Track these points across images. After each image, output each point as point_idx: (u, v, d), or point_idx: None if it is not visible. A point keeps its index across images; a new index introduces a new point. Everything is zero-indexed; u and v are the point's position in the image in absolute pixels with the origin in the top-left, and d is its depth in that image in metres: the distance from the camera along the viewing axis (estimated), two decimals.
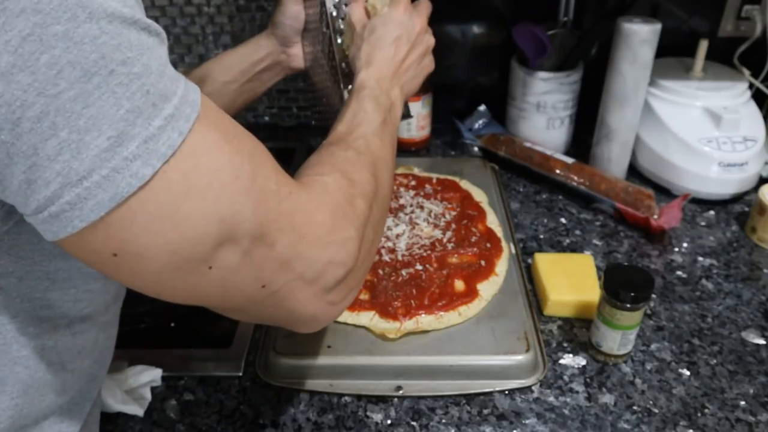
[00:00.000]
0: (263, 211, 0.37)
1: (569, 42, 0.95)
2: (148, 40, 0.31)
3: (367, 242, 0.47)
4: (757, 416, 0.59)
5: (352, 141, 0.53)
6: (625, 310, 0.60)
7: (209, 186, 0.33)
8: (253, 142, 0.39)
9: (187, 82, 0.34)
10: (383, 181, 0.53)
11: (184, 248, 0.33)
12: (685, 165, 0.88)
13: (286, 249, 0.39)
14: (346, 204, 0.46)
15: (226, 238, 0.35)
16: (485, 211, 0.83)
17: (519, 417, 0.59)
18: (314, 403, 0.61)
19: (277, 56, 0.78)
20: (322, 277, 0.42)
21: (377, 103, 0.58)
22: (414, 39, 0.64)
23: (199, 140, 0.33)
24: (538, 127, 0.99)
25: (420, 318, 0.66)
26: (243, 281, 0.38)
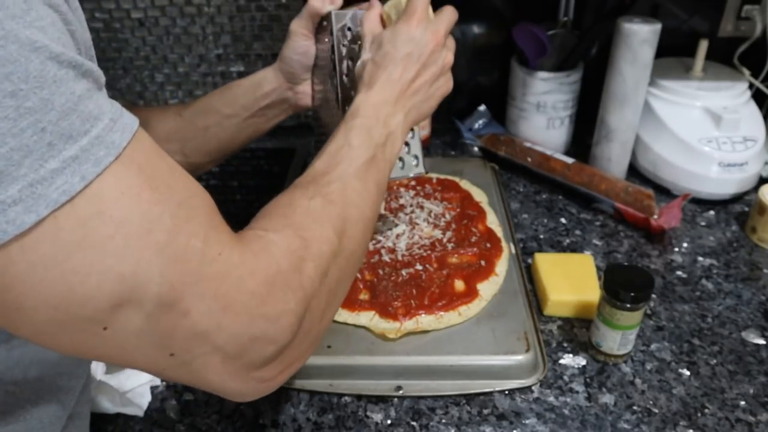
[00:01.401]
0: (178, 273, 0.32)
1: (569, 42, 0.95)
2: (57, 72, 0.28)
3: (315, 314, 0.41)
4: (757, 416, 0.59)
5: (324, 184, 0.47)
6: (625, 310, 0.60)
7: (111, 238, 0.30)
8: (189, 193, 0.35)
9: (120, 118, 0.31)
10: (353, 237, 0.46)
11: (71, 305, 0.30)
12: (685, 165, 0.88)
13: (203, 319, 0.34)
14: (291, 270, 0.39)
15: (126, 300, 0.31)
16: (485, 211, 0.83)
17: (519, 417, 0.59)
18: (314, 403, 0.61)
19: (283, 92, 0.71)
20: (246, 354, 0.37)
21: (368, 137, 0.52)
22: (426, 57, 0.57)
23: (110, 185, 0.30)
24: (538, 127, 0.99)
25: (420, 318, 0.66)
26: (146, 347, 0.33)
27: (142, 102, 1.11)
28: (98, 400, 0.59)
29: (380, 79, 0.55)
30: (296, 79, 0.70)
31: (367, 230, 0.49)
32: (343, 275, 0.46)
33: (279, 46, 1.08)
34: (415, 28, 0.57)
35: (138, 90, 1.10)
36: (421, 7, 0.58)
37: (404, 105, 0.56)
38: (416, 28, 0.57)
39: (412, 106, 0.57)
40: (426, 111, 0.59)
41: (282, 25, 1.03)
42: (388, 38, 0.57)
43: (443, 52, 0.59)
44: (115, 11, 1.01)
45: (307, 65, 0.69)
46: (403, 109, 0.56)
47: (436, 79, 0.59)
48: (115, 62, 1.06)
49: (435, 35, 0.57)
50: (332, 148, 0.51)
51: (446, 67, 0.60)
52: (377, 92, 0.55)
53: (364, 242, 0.49)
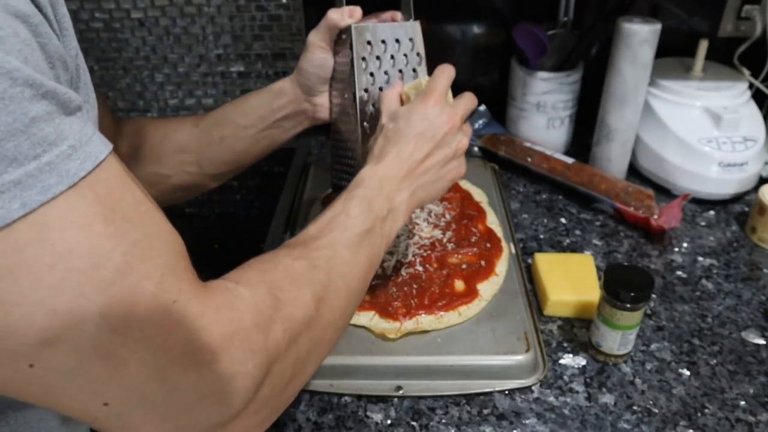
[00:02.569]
0: (122, 317, 0.29)
1: (569, 42, 0.95)
2: (10, 90, 0.26)
3: (277, 381, 0.38)
4: (757, 416, 0.59)
5: (313, 249, 0.45)
6: (625, 310, 0.60)
7: (49, 268, 0.27)
8: (152, 231, 0.32)
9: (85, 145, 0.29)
10: (333, 307, 0.44)
11: None
12: (685, 165, 0.88)
13: (144, 369, 0.31)
14: (254, 329, 0.36)
15: (57, 337, 0.28)
16: (485, 211, 0.83)
17: (519, 417, 0.59)
18: (314, 403, 0.61)
19: (299, 104, 0.69)
20: (192, 413, 0.33)
21: (368, 208, 0.50)
22: (440, 138, 0.55)
23: (58, 213, 0.28)
24: (538, 127, 0.99)
25: (420, 318, 0.66)
26: (76, 392, 0.30)
27: (141, 102, 1.11)
28: None
29: (390, 154, 0.54)
30: (313, 92, 0.69)
31: (350, 303, 0.47)
32: (315, 346, 0.42)
33: (279, 46, 1.08)
34: (431, 108, 0.56)
35: (138, 90, 1.10)
36: (440, 89, 0.57)
37: (411, 183, 0.54)
38: (432, 107, 0.56)
39: (420, 185, 0.55)
40: (434, 194, 0.57)
41: (282, 25, 1.03)
42: (403, 114, 0.56)
43: (458, 135, 0.58)
44: (115, 11, 1.01)
45: (325, 78, 0.68)
46: (410, 187, 0.54)
47: (448, 161, 0.57)
48: (115, 62, 1.06)
49: (451, 118, 0.56)
50: (329, 214, 0.49)
51: (460, 151, 0.58)
52: (385, 166, 0.54)
53: (344, 314, 0.46)
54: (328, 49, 0.66)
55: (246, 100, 0.70)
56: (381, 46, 0.64)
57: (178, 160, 0.69)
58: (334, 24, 0.63)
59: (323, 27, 0.64)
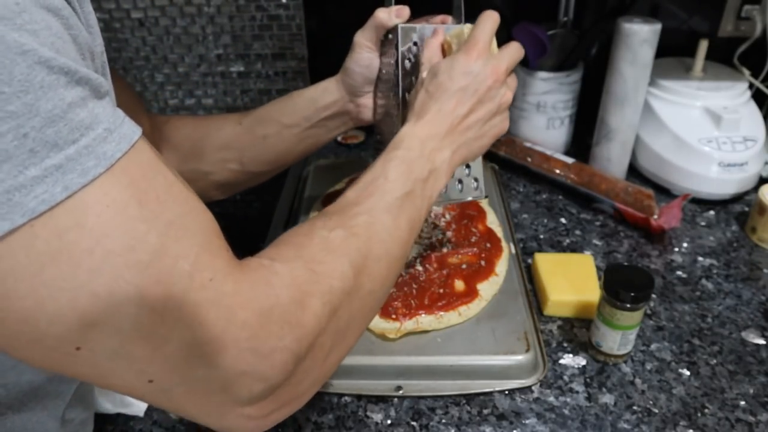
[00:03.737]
0: (160, 296, 0.30)
1: (569, 42, 0.95)
2: (45, 78, 0.27)
3: (318, 353, 0.38)
4: (757, 416, 0.59)
5: (350, 216, 0.44)
6: (625, 310, 0.60)
7: (89, 253, 0.28)
8: (184, 211, 0.33)
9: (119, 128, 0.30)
10: (373, 276, 0.43)
11: (39, 320, 0.28)
12: (685, 165, 0.88)
13: (184, 347, 0.32)
14: (291, 304, 0.36)
15: (100, 320, 0.29)
16: (485, 211, 0.83)
17: (519, 417, 0.59)
18: (314, 403, 0.61)
19: (344, 105, 0.68)
20: (231, 389, 0.34)
21: (408, 170, 0.48)
22: (484, 92, 0.53)
23: (95, 197, 0.28)
24: (538, 127, 0.99)
25: (420, 318, 0.66)
26: (123, 371, 0.31)
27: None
28: (98, 400, 0.59)
29: (431, 111, 0.52)
30: (358, 92, 0.67)
31: (391, 270, 0.46)
32: (355, 315, 0.42)
33: (279, 46, 1.08)
34: (474, 61, 0.53)
35: (138, 90, 1.10)
36: (484, 40, 0.55)
37: (453, 141, 0.52)
38: (476, 60, 0.53)
39: (462, 143, 0.53)
40: (476, 151, 0.55)
41: (282, 25, 1.04)
42: (444, 68, 0.54)
43: (502, 89, 0.55)
44: (115, 11, 1.01)
45: (370, 78, 0.66)
46: (452, 145, 0.52)
47: (491, 117, 0.55)
48: (115, 62, 1.06)
49: (495, 70, 0.54)
50: (368, 177, 0.48)
51: (503, 106, 0.56)
52: (425, 124, 0.52)
53: (386, 282, 0.45)
54: (375, 49, 0.65)
55: (290, 99, 0.69)
56: None
57: (220, 157, 0.69)
58: (381, 23, 0.62)
59: (370, 26, 0.63)
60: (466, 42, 0.55)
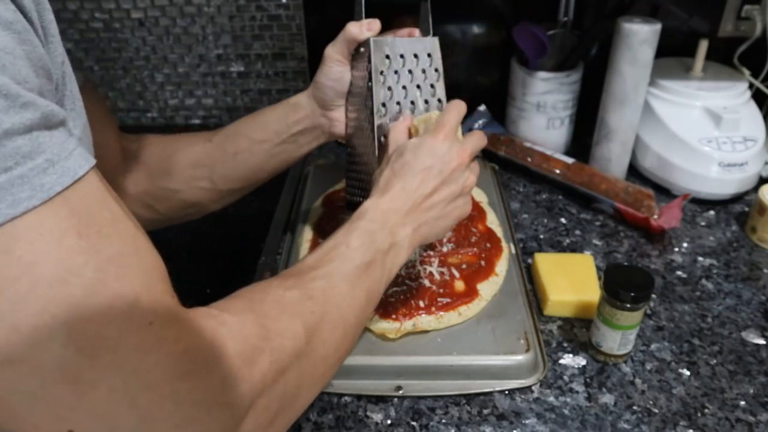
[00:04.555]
0: (91, 337, 0.28)
1: (569, 42, 0.95)
2: None
3: (262, 416, 0.35)
4: (757, 416, 0.59)
5: (308, 280, 0.43)
6: (625, 310, 0.60)
7: (14, 281, 0.26)
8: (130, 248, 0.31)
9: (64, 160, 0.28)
10: (325, 340, 0.41)
11: None
12: (685, 165, 0.88)
13: (115, 396, 0.29)
14: (239, 358, 0.34)
15: (21, 356, 0.26)
16: (485, 211, 0.83)
17: (519, 417, 0.59)
18: (314, 403, 0.61)
19: (316, 119, 0.67)
20: None
21: (370, 240, 0.48)
22: (448, 174, 0.54)
23: (27, 225, 0.26)
24: (538, 127, 0.99)
25: (420, 318, 0.66)
26: (39, 417, 0.28)
27: (141, 102, 1.11)
28: None
29: (395, 187, 0.53)
30: (329, 106, 0.67)
31: (346, 337, 0.44)
32: (306, 381, 0.40)
33: (279, 46, 1.08)
34: (441, 143, 0.54)
35: (138, 90, 1.10)
36: (451, 124, 0.56)
37: (416, 219, 0.53)
38: (442, 142, 0.55)
39: (424, 221, 0.54)
40: (438, 231, 0.56)
41: (282, 25, 1.04)
42: (411, 147, 0.55)
43: (466, 172, 0.56)
44: (115, 11, 1.01)
45: (341, 92, 0.66)
46: (414, 222, 0.53)
47: (454, 198, 0.56)
48: (115, 62, 1.06)
49: (460, 154, 0.55)
50: (329, 244, 0.48)
51: (467, 189, 0.57)
52: (389, 199, 0.52)
53: (339, 348, 0.44)
54: (346, 62, 0.64)
55: (261, 115, 0.68)
56: (399, 61, 0.63)
57: (190, 175, 0.67)
58: (352, 37, 0.62)
59: (341, 40, 0.63)
60: (434, 125, 0.57)
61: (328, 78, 0.65)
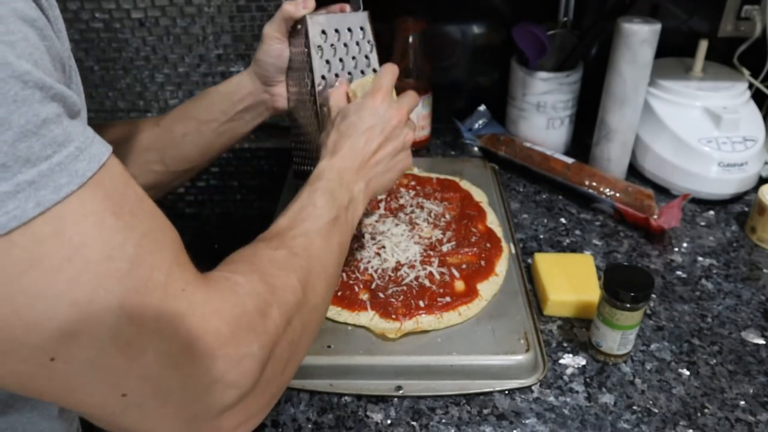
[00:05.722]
0: (137, 306, 0.30)
1: (569, 42, 0.95)
2: (20, 92, 0.27)
3: (278, 361, 0.39)
4: (757, 416, 0.59)
5: (289, 239, 0.47)
6: (625, 310, 0.60)
7: (68, 261, 0.28)
8: (155, 225, 0.34)
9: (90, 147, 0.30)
10: (316, 290, 0.46)
11: (15, 329, 0.27)
12: (685, 165, 0.88)
13: (160, 357, 0.32)
14: (256, 313, 0.38)
15: (79, 329, 0.29)
16: (485, 211, 0.83)
17: (519, 417, 0.59)
18: (314, 403, 0.61)
19: (259, 95, 0.72)
20: (205, 399, 0.34)
21: (331, 198, 0.52)
22: (389, 131, 0.59)
23: (72, 208, 0.29)
24: (538, 127, 0.99)
25: (420, 318, 0.66)
26: (96, 384, 0.31)
27: (141, 102, 1.11)
28: None
29: (344, 147, 0.57)
30: (271, 82, 0.72)
31: (329, 287, 0.49)
32: (305, 328, 0.44)
33: None
34: (380, 103, 0.59)
35: (138, 90, 1.10)
36: (387, 85, 0.61)
37: (366, 174, 0.58)
38: (381, 103, 0.59)
39: (373, 176, 0.58)
40: (385, 183, 0.61)
41: None
42: (354, 110, 0.59)
43: (405, 129, 0.61)
44: (115, 11, 1.01)
45: (282, 68, 0.71)
46: (365, 177, 0.57)
47: (396, 153, 0.60)
48: (115, 62, 1.06)
49: (399, 112, 0.60)
50: (296, 206, 0.51)
51: (407, 144, 0.62)
52: (341, 159, 0.56)
53: (326, 298, 0.49)
54: (284, 40, 0.69)
55: (206, 96, 0.72)
56: (334, 35, 0.67)
57: (143, 160, 0.70)
58: (289, 15, 0.66)
59: (278, 18, 0.68)
60: (370, 88, 0.61)
61: (269, 55, 0.69)
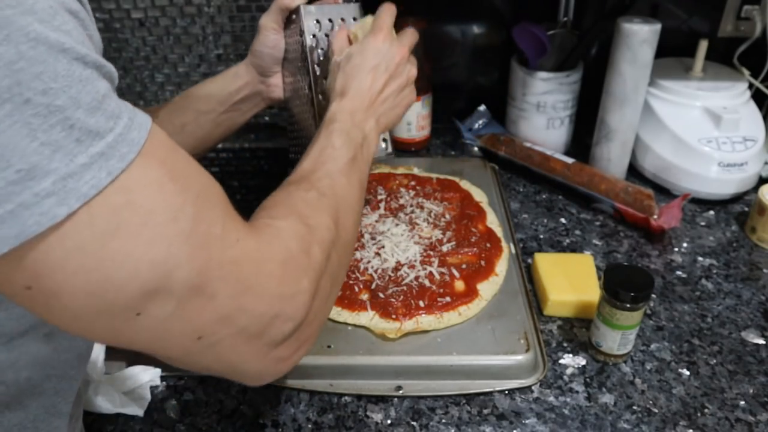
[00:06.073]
0: (203, 259, 0.34)
1: (569, 42, 0.95)
2: (83, 72, 0.29)
3: (323, 293, 0.44)
4: (756, 416, 0.59)
5: (315, 180, 0.50)
6: (624, 310, 0.60)
7: (142, 226, 0.31)
8: (204, 183, 0.36)
9: (136, 116, 0.32)
10: (346, 226, 0.49)
11: (106, 292, 0.31)
12: (685, 165, 0.88)
13: (227, 301, 0.36)
14: (301, 253, 0.42)
15: (159, 286, 0.32)
16: (485, 211, 0.83)
17: (519, 417, 0.59)
18: (314, 403, 0.61)
19: (255, 86, 0.74)
20: (267, 332, 0.39)
21: (347, 138, 0.55)
22: (393, 69, 0.61)
23: (136, 177, 0.31)
24: (538, 127, 0.99)
25: (420, 318, 0.66)
26: (176, 332, 0.35)
27: (142, 102, 1.11)
28: (98, 400, 0.59)
29: (351, 89, 0.59)
30: (267, 72, 0.74)
31: (355, 223, 0.52)
32: (341, 261, 0.48)
33: None
34: (382, 42, 0.61)
35: (138, 90, 1.10)
36: (387, 24, 0.63)
37: (375, 112, 0.60)
38: (383, 42, 0.61)
39: (382, 113, 0.61)
40: (393, 119, 0.63)
41: None
42: (357, 51, 0.61)
43: (407, 66, 0.63)
44: (115, 11, 1.01)
45: (278, 58, 0.73)
46: (374, 115, 0.60)
47: (401, 89, 0.63)
48: (115, 62, 1.06)
49: (401, 49, 0.62)
50: (316, 149, 0.54)
51: (411, 80, 0.64)
52: (350, 100, 0.59)
53: (354, 233, 0.53)
54: (280, 30, 0.71)
55: (204, 87, 0.74)
56: (328, 25, 0.69)
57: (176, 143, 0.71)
58: (285, 6, 0.69)
59: (274, 10, 0.70)
60: (371, 28, 0.63)
61: (265, 46, 0.71)
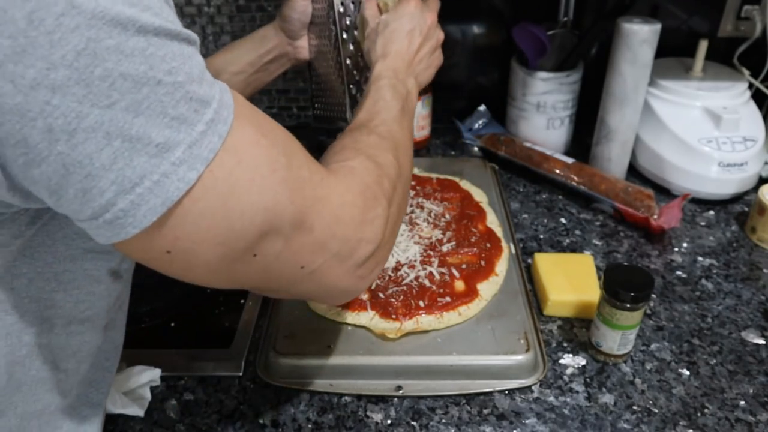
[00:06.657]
0: (300, 198, 0.39)
1: (569, 42, 0.95)
2: (188, 50, 0.33)
3: (393, 219, 0.50)
4: (756, 416, 0.59)
5: (374, 127, 0.56)
6: (624, 310, 0.60)
7: (252, 180, 0.35)
8: (284, 133, 0.41)
9: (221, 84, 0.35)
10: (404, 164, 0.55)
11: (231, 239, 0.35)
12: (685, 165, 0.88)
13: (323, 231, 0.41)
14: (374, 184, 0.48)
15: (270, 227, 0.37)
16: (485, 211, 0.83)
17: (519, 417, 0.59)
18: (314, 403, 0.61)
19: (283, 48, 0.81)
20: (354, 254, 0.44)
21: (395, 92, 0.60)
22: (426, 32, 0.67)
23: (237, 139, 0.35)
24: (538, 127, 0.99)
25: (420, 318, 0.66)
26: (284, 265, 0.40)
27: None
28: None
29: (392, 50, 0.65)
30: (295, 35, 0.81)
31: (410, 162, 0.58)
32: (404, 192, 0.54)
33: None
34: (414, 8, 0.67)
35: None
36: None
37: (413, 71, 0.65)
38: (415, 8, 0.67)
39: (419, 72, 0.67)
40: (428, 78, 0.69)
41: None
42: (394, 18, 0.67)
43: (437, 30, 0.69)
44: None
45: (305, 23, 0.79)
46: (413, 73, 0.65)
47: (433, 51, 0.69)
48: None
49: (431, 15, 0.68)
50: (369, 102, 0.59)
51: (440, 42, 0.70)
52: (392, 60, 0.64)
53: (410, 170, 0.58)
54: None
55: (234, 49, 0.81)
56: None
57: None
58: None
59: None
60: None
61: (294, 11, 0.78)
